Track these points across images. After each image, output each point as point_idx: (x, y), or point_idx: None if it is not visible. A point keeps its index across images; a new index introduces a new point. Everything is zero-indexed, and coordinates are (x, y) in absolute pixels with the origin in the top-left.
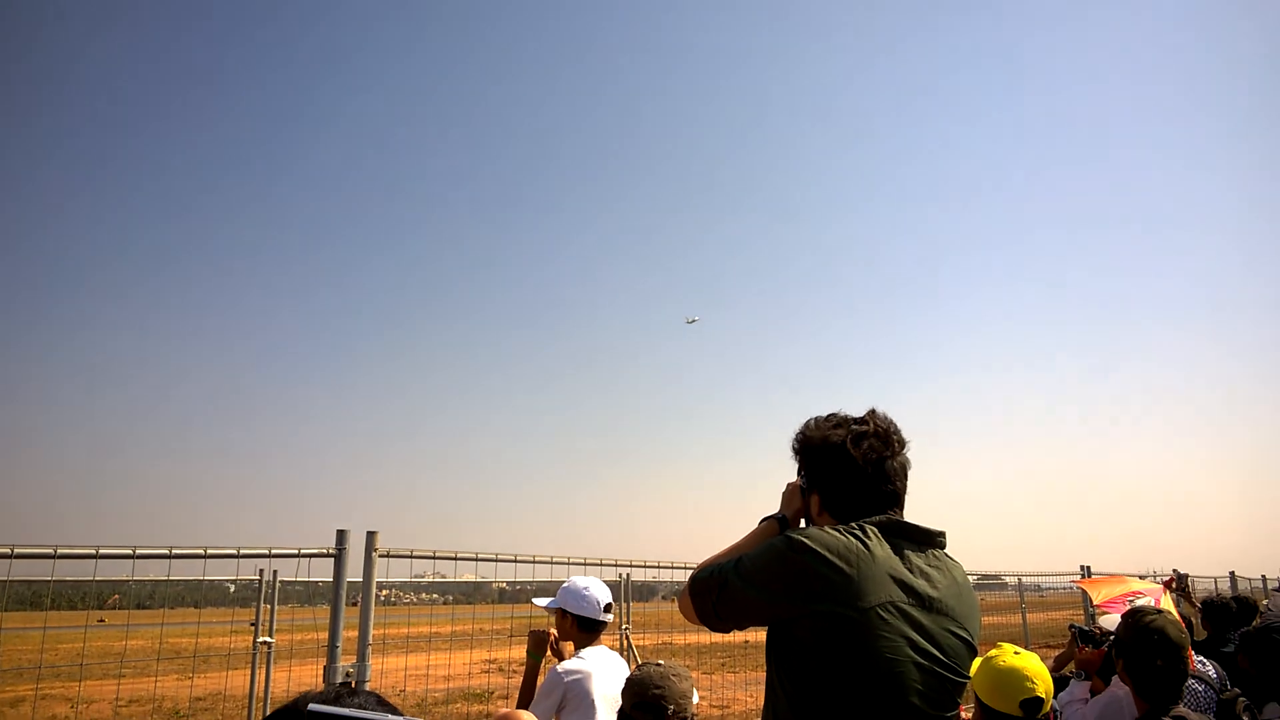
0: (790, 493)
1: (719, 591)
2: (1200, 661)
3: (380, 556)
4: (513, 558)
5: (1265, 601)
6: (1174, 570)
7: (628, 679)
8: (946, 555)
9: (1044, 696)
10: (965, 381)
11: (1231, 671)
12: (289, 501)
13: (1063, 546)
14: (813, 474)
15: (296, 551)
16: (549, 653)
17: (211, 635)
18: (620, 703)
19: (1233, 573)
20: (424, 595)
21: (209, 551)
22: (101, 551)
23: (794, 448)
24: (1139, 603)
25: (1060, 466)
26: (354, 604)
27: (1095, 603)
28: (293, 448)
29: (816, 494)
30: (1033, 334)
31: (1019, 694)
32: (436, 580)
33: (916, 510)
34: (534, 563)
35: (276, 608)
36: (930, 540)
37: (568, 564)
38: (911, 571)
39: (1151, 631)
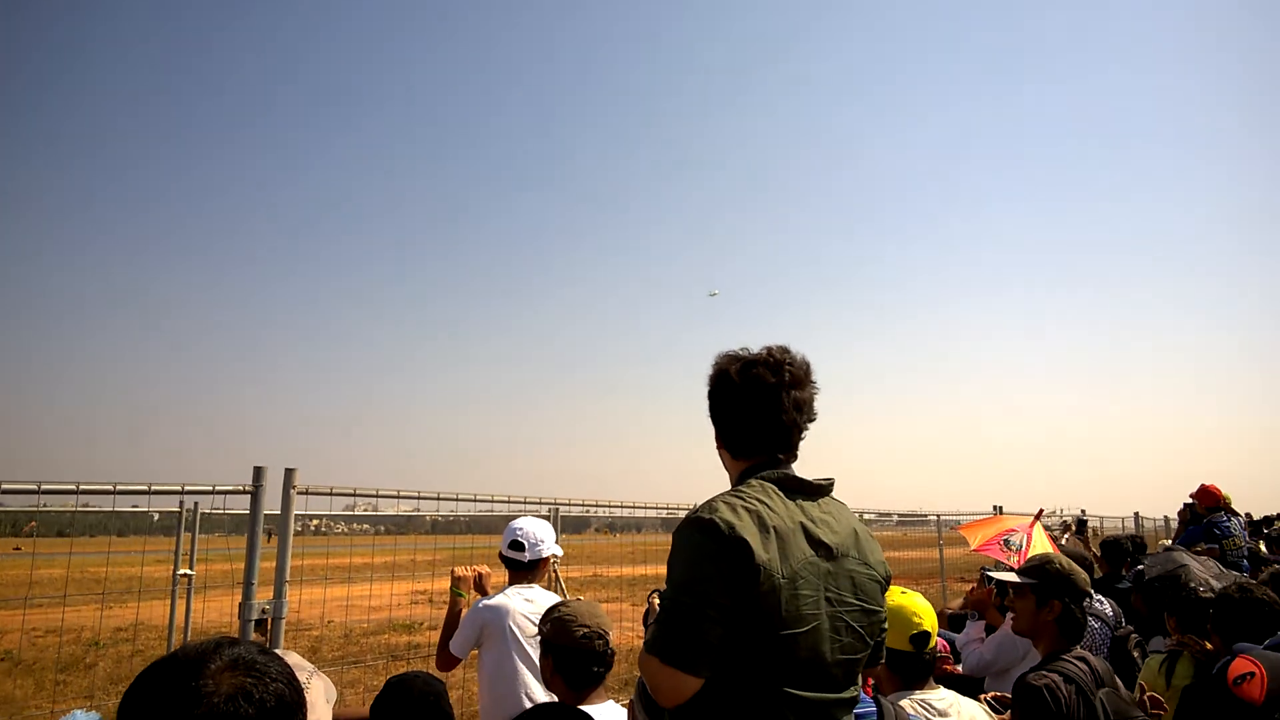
0: None
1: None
2: (1098, 600)
3: (299, 494)
4: (435, 495)
5: (1163, 541)
6: (1078, 513)
7: (557, 615)
8: (835, 500)
9: (930, 630)
10: (902, 336)
11: (1126, 609)
12: (220, 436)
13: (981, 487)
14: (714, 412)
15: (211, 488)
16: (473, 589)
17: (131, 565)
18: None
19: (1137, 513)
20: (356, 526)
21: (119, 487)
22: (4, 487)
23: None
24: (1012, 540)
25: (986, 415)
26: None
27: (972, 546)
28: (223, 383)
29: (717, 431)
30: (955, 293)
31: (908, 629)
32: (367, 513)
33: (864, 454)
34: (456, 500)
35: (206, 537)
36: (820, 490)
37: (491, 501)
38: (814, 523)
39: (1060, 576)
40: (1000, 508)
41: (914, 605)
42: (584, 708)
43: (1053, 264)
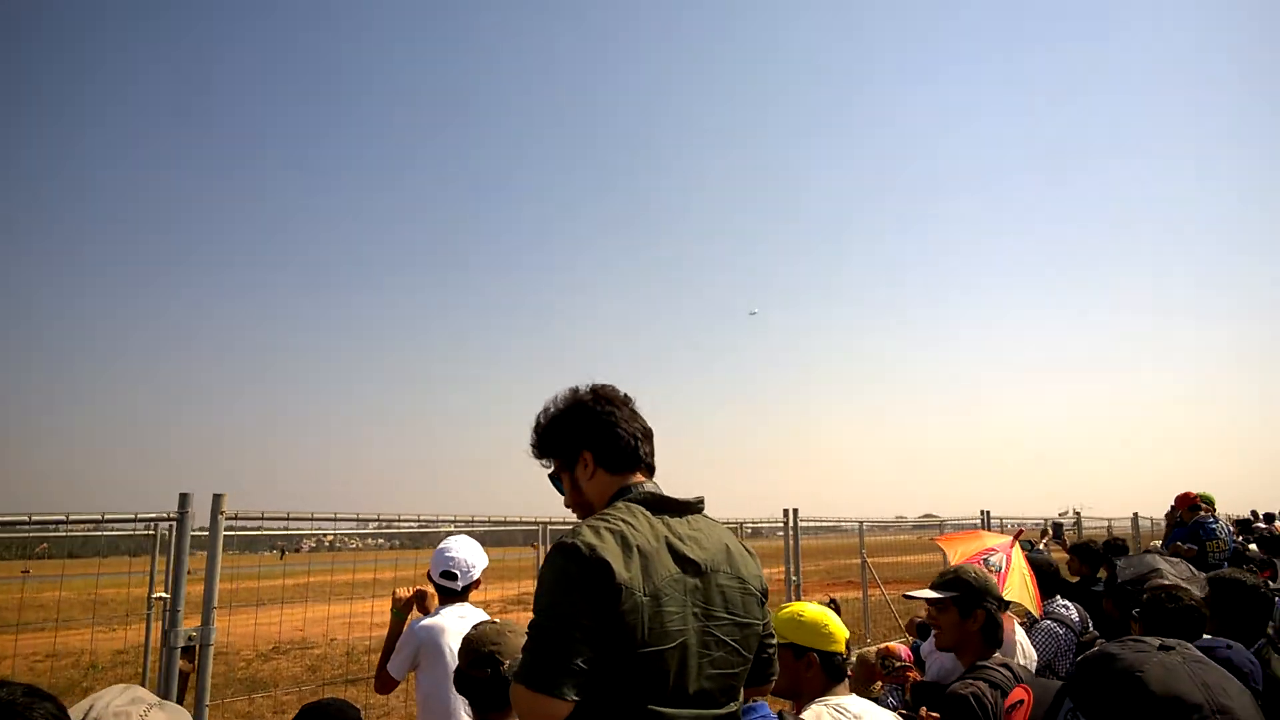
0: None
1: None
2: (1063, 605)
3: (228, 520)
4: (375, 517)
5: (1154, 542)
6: (1068, 514)
7: (464, 638)
8: (705, 517)
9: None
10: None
11: (1096, 614)
12: (165, 463)
13: (978, 490)
14: (576, 439)
15: (133, 516)
16: (415, 609)
17: (116, 586)
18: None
19: (1135, 514)
20: (370, 541)
21: (34, 518)
22: None
23: (539, 435)
24: (992, 560)
25: (991, 416)
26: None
27: (951, 560)
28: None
29: (589, 453)
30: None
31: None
32: (380, 529)
33: (876, 459)
34: (398, 522)
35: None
36: (689, 508)
37: (417, 521)
38: (681, 540)
39: (980, 585)
40: (988, 512)
41: (827, 620)
42: None
43: (1062, 265)
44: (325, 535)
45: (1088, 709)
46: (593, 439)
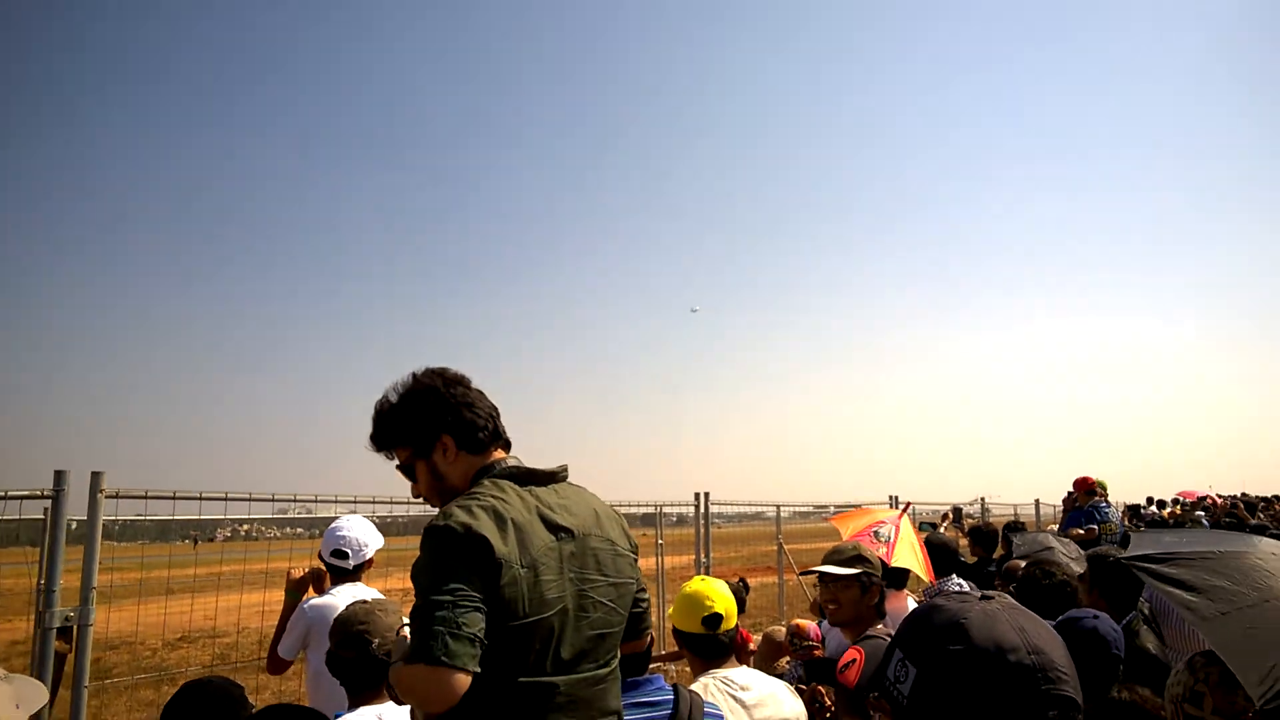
0: None
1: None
2: (957, 584)
3: (108, 498)
4: (270, 496)
5: (1051, 526)
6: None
7: (334, 619)
8: (572, 484)
9: (723, 613)
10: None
11: None
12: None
13: (884, 475)
14: (432, 425)
15: (3, 494)
16: (310, 590)
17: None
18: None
19: (1037, 500)
20: (289, 530)
21: None
22: None
23: (388, 424)
24: (881, 531)
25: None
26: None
27: (844, 537)
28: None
29: (449, 437)
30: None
31: (700, 611)
32: (300, 516)
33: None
34: (291, 501)
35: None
36: (554, 477)
37: (306, 501)
38: (552, 509)
39: (873, 562)
40: (895, 497)
41: (707, 590)
42: (370, 707)
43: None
44: (241, 525)
45: (915, 656)
46: (450, 422)
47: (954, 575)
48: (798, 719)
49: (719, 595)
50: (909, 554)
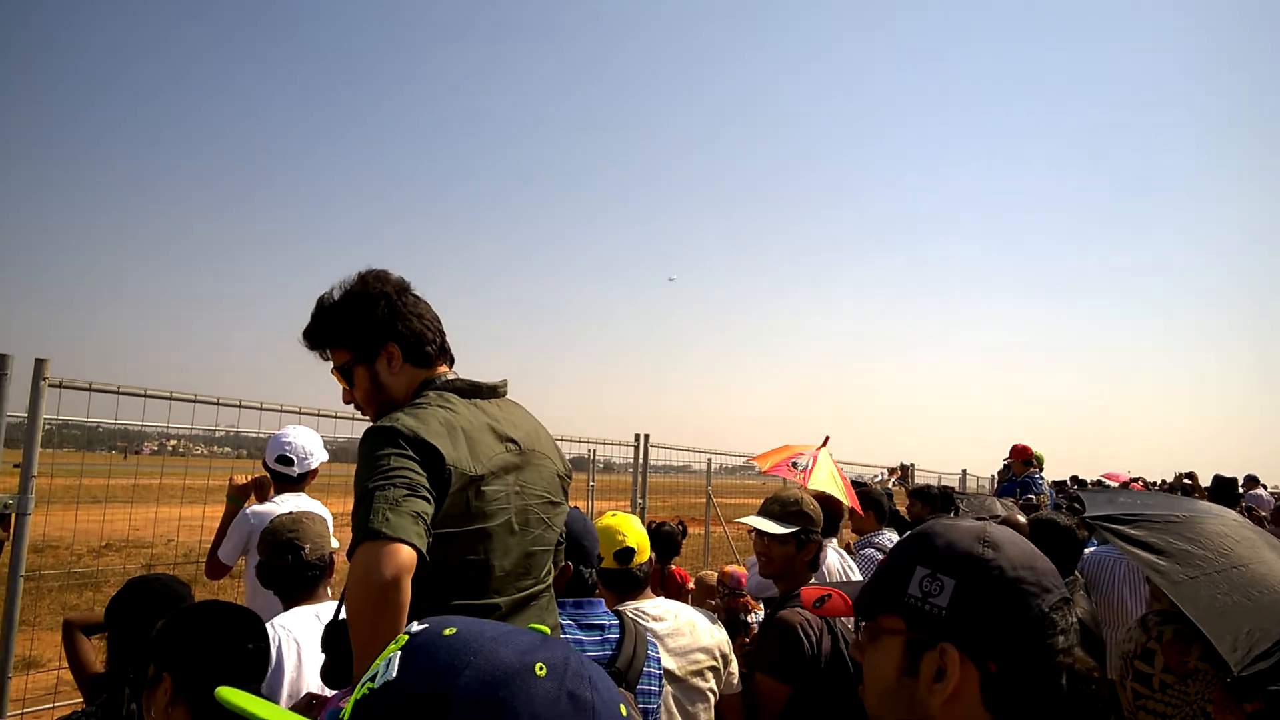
0: None
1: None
2: (890, 537)
3: (51, 386)
4: (215, 400)
5: (984, 489)
6: (899, 463)
7: (261, 531)
8: (511, 400)
9: (634, 546)
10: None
11: None
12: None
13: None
14: (378, 331)
15: None
16: (253, 497)
17: None
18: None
19: (964, 470)
20: (217, 449)
21: None
22: None
23: (330, 323)
24: (799, 462)
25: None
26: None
27: (762, 469)
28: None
29: (395, 346)
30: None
31: (613, 545)
32: (230, 434)
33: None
34: (237, 406)
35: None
36: (495, 391)
37: (251, 407)
38: (499, 422)
39: (816, 518)
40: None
41: (620, 524)
42: (306, 606)
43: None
44: (169, 440)
45: (949, 568)
46: (397, 331)
47: (884, 529)
48: (717, 646)
49: (631, 530)
50: (828, 480)
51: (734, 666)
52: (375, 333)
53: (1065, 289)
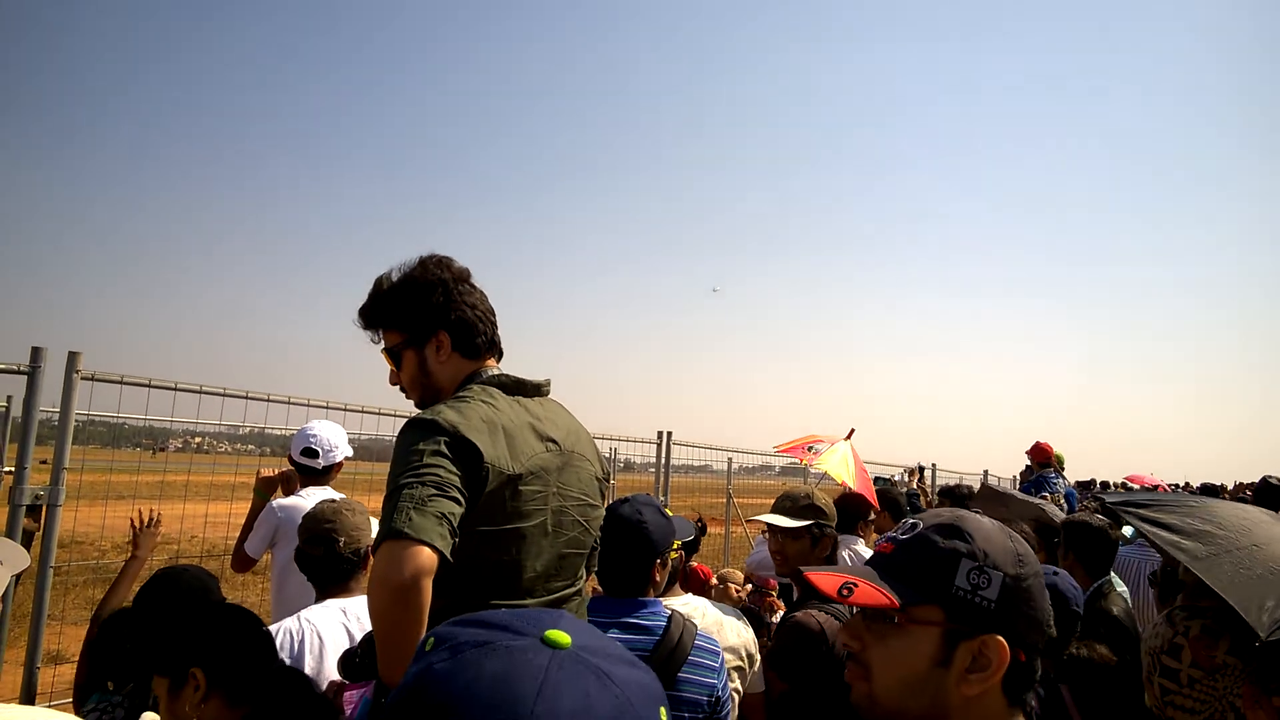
0: None
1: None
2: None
3: (83, 379)
4: (244, 394)
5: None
6: (917, 463)
7: (303, 516)
8: (552, 400)
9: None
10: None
11: None
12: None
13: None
14: (432, 318)
15: None
16: (279, 490)
17: None
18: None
19: (986, 471)
20: (240, 446)
21: None
22: None
23: (385, 304)
24: (818, 448)
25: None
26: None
27: (777, 449)
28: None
29: (446, 334)
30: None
31: None
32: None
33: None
34: (265, 400)
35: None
36: (538, 390)
37: (280, 402)
38: (540, 421)
39: (825, 512)
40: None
41: None
42: (334, 600)
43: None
44: (194, 437)
45: (996, 563)
46: (450, 320)
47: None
48: (744, 645)
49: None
50: (840, 463)
51: (758, 666)
52: (427, 319)
53: (1097, 292)
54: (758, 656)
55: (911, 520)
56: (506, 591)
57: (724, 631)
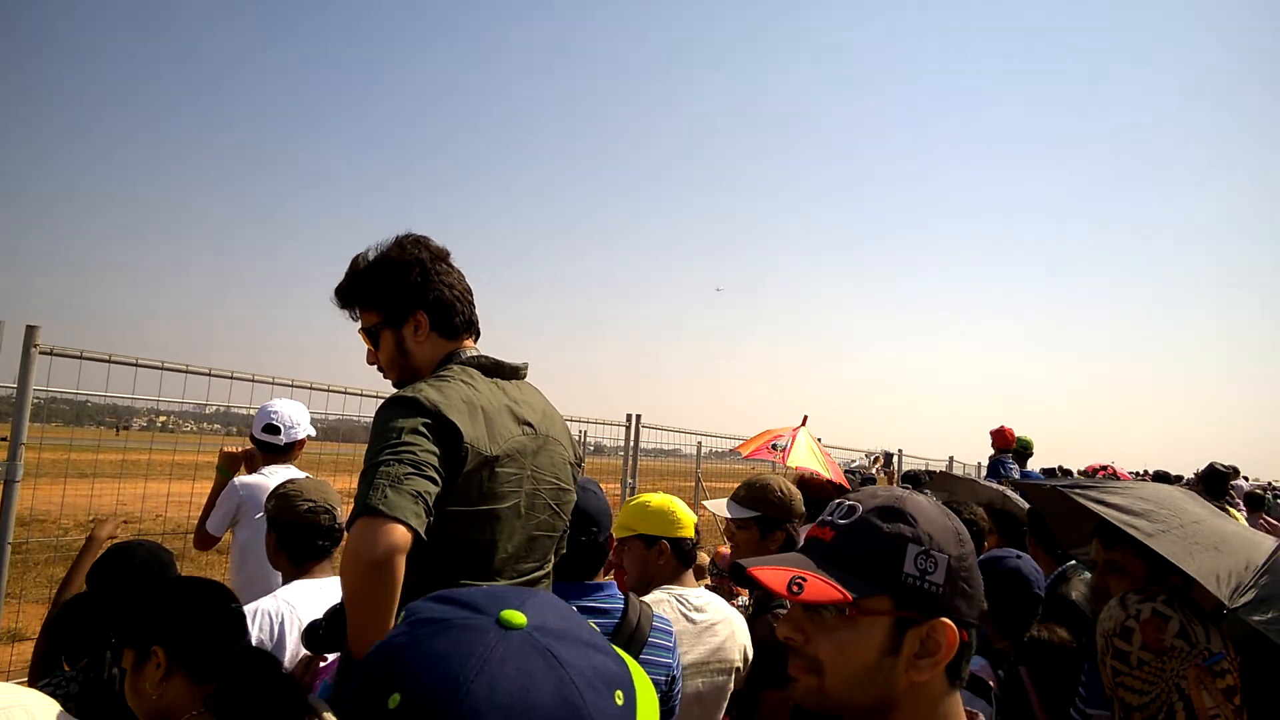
0: None
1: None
2: None
3: (41, 354)
4: (207, 371)
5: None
6: (881, 450)
7: (281, 492)
8: (529, 383)
9: (690, 536)
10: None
11: None
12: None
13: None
14: (410, 297)
15: None
16: (242, 468)
17: None
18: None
19: (951, 457)
20: (206, 426)
21: None
22: None
23: (363, 282)
24: (779, 444)
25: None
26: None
27: (744, 454)
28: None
29: (424, 314)
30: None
31: (674, 529)
32: (218, 412)
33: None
34: (231, 379)
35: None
36: (516, 372)
37: (244, 379)
38: (517, 404)
39: (783, 505)
40: (819, 440)
41: (675, 507)
42: (309, 580)
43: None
44: (158, 416)
45: (941, 545)
46: (429, 300)
47: None
48: (745, 648)
49: (685, 516)
50: (808, 454)
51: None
52: (405, 298)
53: (1069, 281)
54: (750, 659)
55: (848, 503)
56: (478, 572)
57: (734, 631)
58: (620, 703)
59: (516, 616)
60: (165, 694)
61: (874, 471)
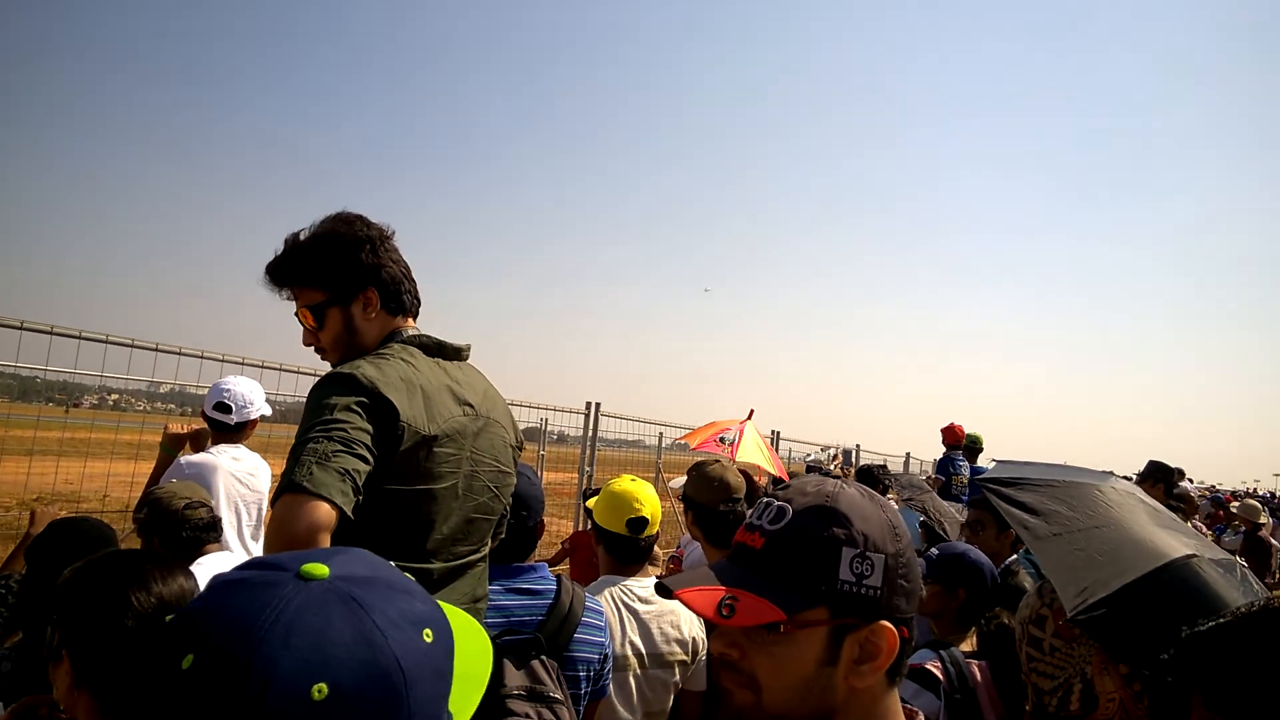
0: None
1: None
2: None
3: None
4: (154, 346)
5: (928, 474)
6: (850, 447)
7: (151, 499)
8: (470, 365)
9: (648, 517)
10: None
11: None
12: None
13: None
14: (361, 274)
15: None
16: (188, 447)
17: None
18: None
19: (908, 453)
20: (160, 405)
21: None
22: None
23: (302, 260)
24: (726, 437)
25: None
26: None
27: (692, 446)
28: None
29: (375, 291)
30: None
31: (626, 513)
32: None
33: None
34: (180, 354)
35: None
36: (459, 353)
37: (199, 356)
38: (458, 384)
39: (712, 479)
40: (778, 433)
41: (638, 491)
42: (205, 558)
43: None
44: (109, 394)
45: (875, 546)
46: (379, 277)
47: None
48: (693, 640)
49: (648, 499)
50: (754, 450)
51: (702, 662)
52: (357, 276)
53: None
54: (703, 654)
55: (777, 503)
56: (411, 553)
57: (679, 622)
58: (429, 639)
59: (319, 569)
60: (72, 710)
61: (833, 467)
